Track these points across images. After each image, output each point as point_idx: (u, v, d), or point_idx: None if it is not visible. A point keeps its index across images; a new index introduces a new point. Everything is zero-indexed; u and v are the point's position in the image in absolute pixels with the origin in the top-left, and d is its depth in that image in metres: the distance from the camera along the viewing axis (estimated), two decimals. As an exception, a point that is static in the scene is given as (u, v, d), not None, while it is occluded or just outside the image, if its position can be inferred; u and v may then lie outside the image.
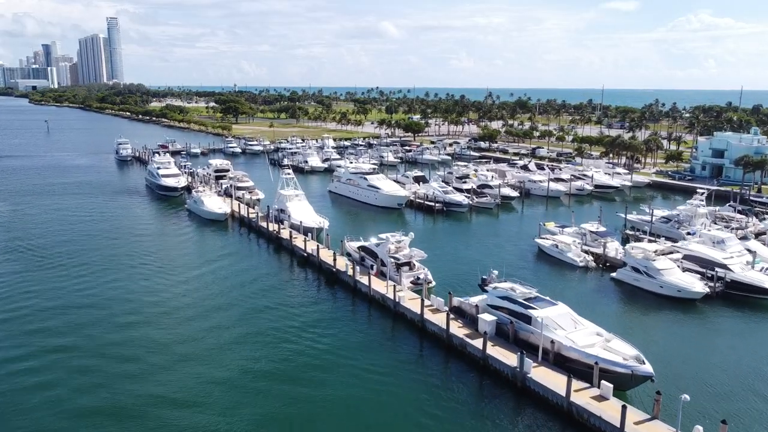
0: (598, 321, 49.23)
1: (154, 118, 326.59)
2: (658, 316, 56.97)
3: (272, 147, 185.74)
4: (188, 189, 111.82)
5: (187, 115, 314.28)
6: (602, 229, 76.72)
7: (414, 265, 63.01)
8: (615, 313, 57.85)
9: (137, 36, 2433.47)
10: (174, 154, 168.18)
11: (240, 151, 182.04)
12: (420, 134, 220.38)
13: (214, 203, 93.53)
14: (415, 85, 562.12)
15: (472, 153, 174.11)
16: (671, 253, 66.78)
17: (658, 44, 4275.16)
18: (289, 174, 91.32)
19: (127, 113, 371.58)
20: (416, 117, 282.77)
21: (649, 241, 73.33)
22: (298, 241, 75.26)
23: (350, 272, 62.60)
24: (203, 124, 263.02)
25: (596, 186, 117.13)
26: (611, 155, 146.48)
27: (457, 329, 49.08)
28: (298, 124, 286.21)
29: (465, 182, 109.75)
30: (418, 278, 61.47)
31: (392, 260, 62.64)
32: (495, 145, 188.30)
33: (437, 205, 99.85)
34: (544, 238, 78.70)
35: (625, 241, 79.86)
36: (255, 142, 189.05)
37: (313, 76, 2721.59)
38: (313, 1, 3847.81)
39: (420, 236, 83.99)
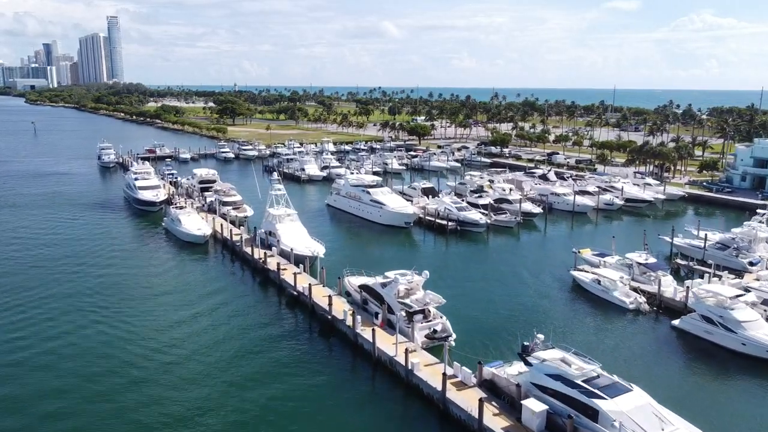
0: (670, 397, 37.15)
1: (148, 120, 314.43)
2: (750, 392, 44.07)
3: (268, 152, 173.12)
4: (169, 202, 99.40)
5: (183, 116, 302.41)
6: (652, 259, 63.85)
7: (429, 312, 50.40)
8: (690, 385, 45.02)
9: (138, 35, 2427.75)
10: (161, 159, 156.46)
11: (233, 156, 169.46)
12: (425, 138, 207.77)
13: (192, 223, 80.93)
14: (418, 84, 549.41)
15: (483, 159, 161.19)
16: (740, 294, 53.89)
17: (661, 44, 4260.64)
18: (279, 189, 78.56)
19: (122, 114, 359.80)
20: (420, 119, 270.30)
21: (714, 276, 60.59)
22: (288, 274, 62.59)
23: (349, 321, 50.00)
24: (197, 126, 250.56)
25: (626, 200, 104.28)
26: (637, 163, 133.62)
27: (492, 418, 36.43)
28: (297, 126, 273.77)
29: (481, 196, 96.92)
30: (435, 331, 48.95)
31: (402, 307, 50.04)
32: (506, 150, 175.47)
33: (450, 224, 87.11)
34: (581, 270, 66.01)
35: (675, 272, 67.20)
36: (250, 147, 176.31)
37: (315, 76, 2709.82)
38: (314, 0, 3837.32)
39: (431, 264, 71.11)
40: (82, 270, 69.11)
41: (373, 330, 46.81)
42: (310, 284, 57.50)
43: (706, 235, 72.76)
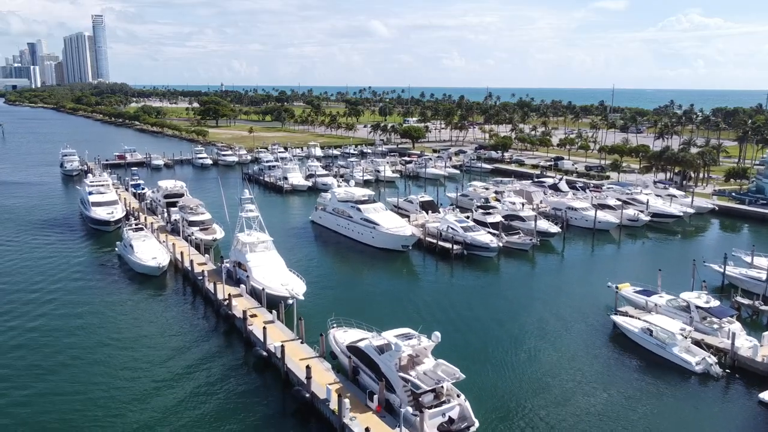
0: None
1: (127, 121, 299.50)
2: None
3: (249, 157, 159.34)
4: (129, 220, 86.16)
5: (164, 117, 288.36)
6: (714, 302, 51.12)
7: (442, 391, 37.31)
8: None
9: (125, 35, 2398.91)
10: (133, 166, 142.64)
11: (211, 162, 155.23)
12: (419, 141, 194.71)
13: (147, 250, 67.28)
14: (409, 84, 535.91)
15: (484, 165, 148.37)
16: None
17: (649, 44, 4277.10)
18: (251, 210, 65.17)
19: (100, 115, 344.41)
20: (413, 120, 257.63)
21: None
22: (257, 324, 49.30)
23: (334, 404, 36.80)
24: (177, 128, 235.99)
25: (653, 215, 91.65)
26: (654, 170, 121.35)
27: None
28: (283, 128, 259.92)
29: (489, 212, 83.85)
30: (451, 420, 35.87)
31: (406, 386, 36.93)
32: (507, 154, 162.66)
33: (455, 247, 74.01)
34: (624, 314, 53.32)
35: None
36: (229, 152, 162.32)
37: (305, 75, 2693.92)
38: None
39: (435, 302, 59.01)
40: (7, 317, 55.35)
41: (367, 428, 33.57)
42: (283, 344, 44.15)
43: (769, 266, 60.20)
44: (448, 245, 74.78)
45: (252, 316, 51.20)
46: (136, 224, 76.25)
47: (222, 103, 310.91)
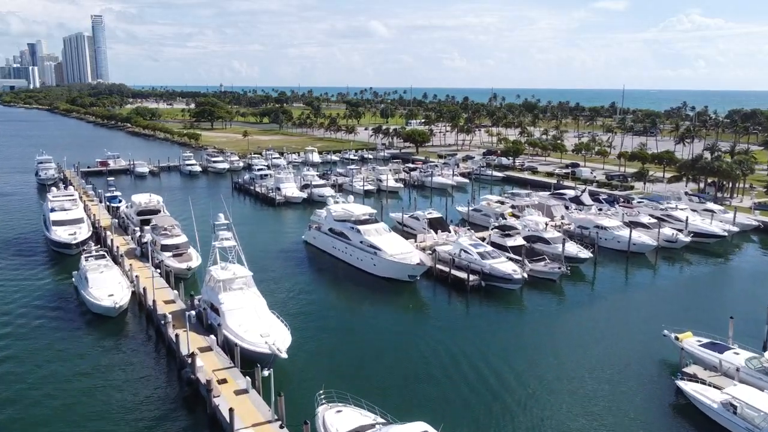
0: None
1: (119, 124, 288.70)
2: None
3: (241, 164, 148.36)
4: (98, 241, 75.76)
5: (159, 119, 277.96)
6: (811, 366, 40.05)
7: None
8: None
9: (124, 35, 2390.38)
10: (114, 174, 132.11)
11: (200, 169, 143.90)
12: (423, 145, 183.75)
13: (103, 285, 56.13)
14: (410, 84, 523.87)
15: (495, 173, 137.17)
16: None
17: (650, 44, 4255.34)
18: (227, 238, 54.15)
19: (93, 117, 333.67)
20: (415, 122, 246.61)
21: None
22: (225, 395, 38.31)
23: None
24: (169, 131, 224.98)
25: (694, 234, 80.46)
26: (686, 181, 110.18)
27: None
28: (281, 131, 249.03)
29: (509, 234, 72.58)
30: None
31: None
32: (518, 160, 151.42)
33: (472, 278, 62.87)
34: (690, 377, 42.19)
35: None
36: (220, 158, 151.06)
37: (305, 76, 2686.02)
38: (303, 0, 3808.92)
39: (447, 360, 47.84)
40: None
41: None
42: (255, 434, 33.24)
43: None
44: (462, 274, 63.69)
45: (221, 382, 40.22)
46: (96, 250, 65.23)
47: (218, 105, 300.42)
